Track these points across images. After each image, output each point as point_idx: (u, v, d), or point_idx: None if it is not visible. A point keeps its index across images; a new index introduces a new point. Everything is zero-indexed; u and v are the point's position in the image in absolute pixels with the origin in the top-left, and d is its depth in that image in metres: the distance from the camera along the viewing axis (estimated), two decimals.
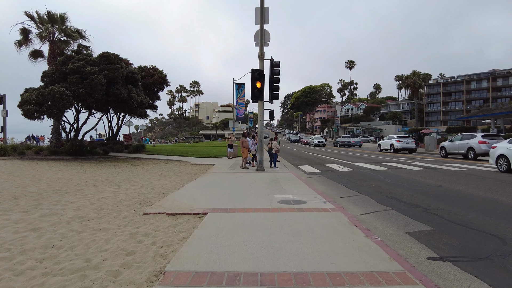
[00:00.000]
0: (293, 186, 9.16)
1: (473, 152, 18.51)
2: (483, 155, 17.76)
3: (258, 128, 14.01)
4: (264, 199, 7.03)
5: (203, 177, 11.13)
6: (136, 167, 15.32)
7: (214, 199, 6.99)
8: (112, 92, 17.84)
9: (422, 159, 20.14)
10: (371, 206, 7.06)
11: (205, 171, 13.77)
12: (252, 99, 13.73)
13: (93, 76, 16.63)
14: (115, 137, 26.51)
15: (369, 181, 11.01)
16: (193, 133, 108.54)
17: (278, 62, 14.04)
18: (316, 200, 6.95)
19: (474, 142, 18.54)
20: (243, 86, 37.30)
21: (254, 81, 13.31)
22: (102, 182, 10.50)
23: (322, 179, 11.96)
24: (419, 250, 4.29)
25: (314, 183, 10.64)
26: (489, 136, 18.86)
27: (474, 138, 18.83)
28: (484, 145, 17.84)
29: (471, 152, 18.69)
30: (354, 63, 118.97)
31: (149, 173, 12.84)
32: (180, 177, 11.94)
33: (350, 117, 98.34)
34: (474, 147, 18.43)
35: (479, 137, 18.55)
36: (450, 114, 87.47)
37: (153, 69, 26.76)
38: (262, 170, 13.64)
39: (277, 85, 14.01)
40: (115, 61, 18.04)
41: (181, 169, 14.90)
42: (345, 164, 17.19)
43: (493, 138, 18.34)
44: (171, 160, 18.98)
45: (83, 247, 4.26)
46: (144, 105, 20.30)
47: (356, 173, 13.39)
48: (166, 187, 9.33)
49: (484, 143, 17.87)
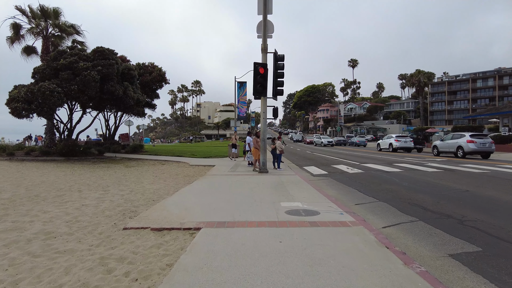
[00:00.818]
0: (301, 191, 8.11)
1: (461, 151, 19.44)
2: (471, 154, 19.08)
3: (260, 127, 12.96)
4: (269, 208, 5.98)
5: (201, 181, 10.10)
6: (130, 168, 14.31)
7: (210, 209, 5.95)
8: (107, 89, 16.82)
9: (433, 160, 19.04)
10: (394, 216, 6.01)
11: (204, 173, 12.74)
12: (254, 95, 12.68)
13: (86, 72, 15.61)
14: (113, 137, 25.52)
15: (384, 184, 9.95)
16: (194, 133, 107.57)
17: (283, 56, 12.99)
18: (330, 210, 5.90)
19: (463, 141, 19.39)
20: (245, 85, 36.25)
21: (256, 75, 12.27)
22: (89, 186, 9.49)
23: (331, 182, 10.90)
24: (477, 285, 3.23)
25: (323, 187, 9.59)
26: (477, 135, 19.75)
27: (463, 138, 19.66)
28: (472, 144, 18.76)
29: (460, 151, 19.65)
30: (357, 62, 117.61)
31: (143, 176, 11.82)
32: (176, 180, 10.92)
33: (353, 116, 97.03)
34: (463, 146, 19.31)
35: (467, 137, 19.39)
36: (455, 113, 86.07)
37: (151, 66, 25.72)
38: (266, 172, 12.60)
39: (281, 80, 12.96)
40: (110, 56, 17.01)
41: (178, 170, 13.88)
42: (353, 165, 16.12)
43: (480, 137, 19.39)
44: (169, 161, 17.97)
45: (31, 280, 3.22)
46: (141, 103, 19.26)
47: (367, 175, 12.32)
48: (158, 193, 8.30)
49: (472, 142, 18.81)
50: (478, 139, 18.98)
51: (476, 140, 18.84)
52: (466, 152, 19.08)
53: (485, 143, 18.91)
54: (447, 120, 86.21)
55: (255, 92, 12.36)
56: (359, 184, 10.23)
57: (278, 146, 14.32)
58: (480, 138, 19.14)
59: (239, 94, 35.58)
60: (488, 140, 19.21)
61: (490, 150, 19.15)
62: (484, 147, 18.93)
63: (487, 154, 19.37)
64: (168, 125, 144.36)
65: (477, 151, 18.98)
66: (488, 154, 19.40)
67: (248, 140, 15.66)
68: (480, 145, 18.88)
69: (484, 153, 19.34)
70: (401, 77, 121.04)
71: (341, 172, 13.41)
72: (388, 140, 29.30)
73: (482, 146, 18.90)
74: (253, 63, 12.33)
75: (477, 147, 18.67)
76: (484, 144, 18.85)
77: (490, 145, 19.04)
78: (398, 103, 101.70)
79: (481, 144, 18.80)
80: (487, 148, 18.96)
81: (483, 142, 18.88)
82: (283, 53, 12.99)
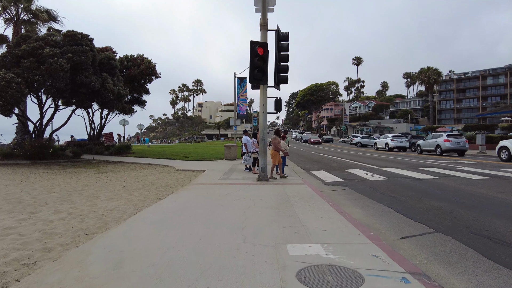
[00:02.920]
0: (316, 215, 5.50)
1: (439, 149, 21.49)
2: (448, 152, 21.37)
3: (260, 123, 10.32)
4: (267, 263, 3.34)
5: (178, 195, 7.49)
6: (100, 175, 11.71)
7: (161, 264, 3.33)
8: (80, 80, 14.22)
9: (462, 162, 16.34)
10: (482, 269, 3.41)
11: (188, 182, 10.13)
12: (252, 83, 10.07)
13: (52, 60, 13.02)
14: (98, 137, 22.96)
15: (425, 199, 7.33)
16: (195, 132, 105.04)
17: (287, 34, 10.35)
18: (379, 264, 3.27)
19: (440, 141, 21.48)
20: (245, 81, 33.72)
21: (253, 58, 9.64)
22: (19, 204, 6.88)
23: (351, 194, 8.27)
24: None
25: (344, 204, 6.98)
26: (453, 135, 22.14)
27: (441, 137, 21.76)
28: (448, 142, 20.96)
29: (438, 149, 21.68)
30: (361, 60, 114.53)
31: (108, 186, 9.20)
32: (147, 192, 8.30)
33: (358, 116, 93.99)
34: (440, 144, 21.40)
35: (444, 136, 21.58)
36: (464, 111, 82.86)
37: (140, 58, 23.12)
38: (266, 180, 9.97)
39: (286, 64, 10.32)
40: (83, 42, 14.38)
41: (158, 178, 11.28)
42: (371, 170, 13.47)
43: (456, 137, 21.67)
44: (154, 164, 15.38)
45: None
46: (122, 97, 16.59)
47: (395, 183, 9.68)
48: (105, 218, 5.68)
49: (448, 141, 21.05)
50: (454, 139, 21.20)
51: (452, 140, 21.06)
52: (443, 150, 21.17)
53: (459, 142, 21.09)
54: (456, 119, 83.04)
55: (253, 79, 9.72)
56: (390, 198, 7.61)
57: (283, 147, 11.70)
58: (455, 138, 21.42)
59: (239, 91, 33.06)
60: (463, 139, 21.47)
61: (464, 148, 21.26)
62: (459, 145, 20.99)
63: (462, 152, 21.45)
64: (169, 125, 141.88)
65: (452, 149, 21.10)
66: (463, 152, 21.47)
67: (244, 140, 13.06)
68: (455, 144, 20.94)
69: (459, 151, 21.43)
70: (406, 76, 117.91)
71: (359, 179, 10.77)
72: (384, 140, 30.93)
73: (456, 145, 20.93)
74: (250, 41, 9.69)
75: (453, 146, 20.85)
76: (458, 143, 20.98)
77: (464, 144, 21.18)
78: (404, 102, 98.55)
79: (456, 143, 20.91)
80: (461, 146, 21.08)
81: (457, 141, 21.07)
82: (287, 31, 10.37)
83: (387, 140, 29.78)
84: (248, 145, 12.74)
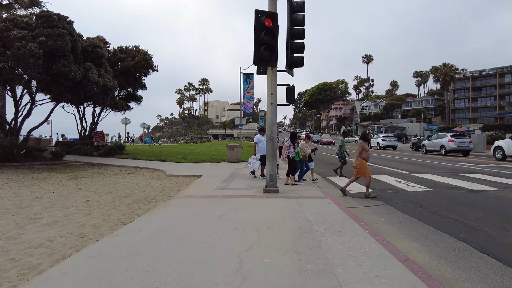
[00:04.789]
0: (362, 267, 3.26)
1: (443, 149, 21.51)
2: (452, 152, 21.40)
3: (267, 117, 7.99)
4: None
5: (151, 217, 5.28)
6: (71, 182, 9.51)
7: None
8: (57, 69, 12.09)
9: (505, 166, 13.85)
10: None
11: (175, 192, 7.90)
12: (257, 65, 7.80)
13: (20, 44, 10.95)
14: (90, 136, 20.88)
15: (510, 226, 5.02)
16: (200, 132, 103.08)
17: (303, 3, 8.04)
18: None
19: (445, 141, 21.47)
20: (252, 77, 31.58)
21: (259, 32, 7.36)
22: None
23: (392, 214, 6.00)
24: None
25: (387, 231, 4.79)
26: (457, 136, 22.15)
27: (445, 138, 21.84)
28: (452, 143, 20.87)
29: (442, 149, 21.70)
30: (371, 58, 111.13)
31: (66, 200, 6.96)
32: (113, 211, 6.07)
33: (368, 115, 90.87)
34: (445, 144, 21.39)
35: (448, 137, 21.64)
36: (480, 110, 79.26)
37: (136, 49, 21.00)
38: (275, 192, 7.67)
39: (301, 41, 8.02)
40: (59, 24, 12.24)
41: (140, 186, 9.05)
42: (403, 176, 11.12)
43: (460, 137, 21.67)
44: (143, 168, 13.18)
45: None
46: (110, 90, 14.33)
47: (445, 197, 7.35)
48: (10, 267, 3.45)
49: (452, 142, 20.94)
50: (458, 139, 21.15)
51: (456, 140, 20.98)
52: (447, 150, 21.14)
53: (464, 142, 20.98)
54: (471, 118, 79.49)
55: (258, 60, 7.43)
56: (452, 222, 5.40)
57: (302, 148, 9.41)
58: (459, 138, 21.38)
59: (244, 87, 30.94)
60: (467, 140, 21.45)
61: (468, 148, 21.17)
62: (463, 145, 20.81)
63: (466, 152, 21.34)
64: (175, 125, 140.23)
65: (456, 149, 21.05)
66: (467, 152, 21.39)
67: (256, 140, 10.68)
68: (460, 144, 20.79)
69: (463, 151, 21.33)
70: (416, 75, 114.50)
71: (394, 190, 8.45)
72: (376, 139, 34.39)
73: (461, 145, 20.76)
74: (255, 11, 7.41)
75: (457, 146, 20.74)
76: (463, 143, 20.85)
77: (468, 144, 21.11)
78: (416, 101, 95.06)
79: (460, 143, 20.77)
80: (466, 146, 20.96)
81: (462, 141, 20.98)
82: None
83: (378, 140, 33.80)
84: (260, 146, 10.36)
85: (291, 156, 8.98)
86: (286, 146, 9.16)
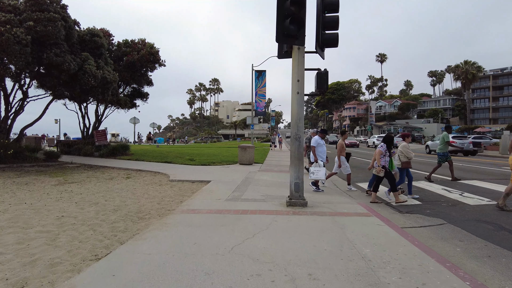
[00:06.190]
0: None
1: None
2: (455, 152, 22.64)
3: (292, 110, 6.30)
4: None
5: (137, 246, 3.79)
6: (55, 189, 8.04)
7: None
8: (48, 59, 10.70)
9: None
10: None
11: (177, 204, 6.34)
12: (280, 44, 6.20)
13: (4, 28, 9.57)
14: (92, 135, 19.57)
15: None
16: (211, 132, 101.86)
17: None
18: None
19: None
20: (264, 74, 30.03)
21: (284, 0, 5.74)
22: None
23: (466, 239, 4.36)
24: None
25: (479, 273, 3.01)
26: (457, 137, 24.77)
27: None
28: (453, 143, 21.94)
29: None
30: (385, 57, 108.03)
31: (34, 216, 5.45)
32: (90, 233, 4.53)
33: (383, 115, 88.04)
34: None
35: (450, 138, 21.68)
36: (501, 110, 75.64)
37: (141, 43, 19.64)
38: (302, 205, 6.03)
39: (335, 15, 6.35)
40: (51, 8, 10.87)
41: (136, 195, 7.51)
42: (448, 183, 9.37)
43: (460, 138, 24.04)
44: (145, 171, 11.71)
45: None
46: (109, 84, 12.86)
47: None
48: None
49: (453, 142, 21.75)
50: (458, 140, 22.64)
51: (456, 141, 21.67)
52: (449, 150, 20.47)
53: (464, 143, 22.61)
54: (492, 118, 76.00)
55: (282, 36, 5.79)
56: None
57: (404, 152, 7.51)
58: (459, 139, 23.32)
59: (257, 85, 29.36)
60: (467, 141, 23.45)
61: (468, 149, 22.66)
62: (463, 146, 22.20)
63: (466, 152, 22.87)
64: (186, 125, 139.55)
65: (457, 150, 22.15)
66: (467, 152, 22.90)
67: (314, 143, 8.52)
68: (460, 145, 21.46)
69: (464, 152, 22.87)
70: (432, 74, 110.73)
71: (449, 203, 6.76)
72: (371, 139, 38.90)
73: (461, 146, 21.68)
74: None
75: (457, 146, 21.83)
76: (463, 144, 22.16)
77: (468, 145, 22.70)
78: (433, 101, 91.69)
79: (460, 144, 21.61)
80: (466, 147, 22.44)
81: (462, 142, 22.51)
82: None
83: (373, 140, 37.99)
84: (320, 151, 8.30)
85: (387, 166, 6.99)
86: (381, 153, 7.03)
